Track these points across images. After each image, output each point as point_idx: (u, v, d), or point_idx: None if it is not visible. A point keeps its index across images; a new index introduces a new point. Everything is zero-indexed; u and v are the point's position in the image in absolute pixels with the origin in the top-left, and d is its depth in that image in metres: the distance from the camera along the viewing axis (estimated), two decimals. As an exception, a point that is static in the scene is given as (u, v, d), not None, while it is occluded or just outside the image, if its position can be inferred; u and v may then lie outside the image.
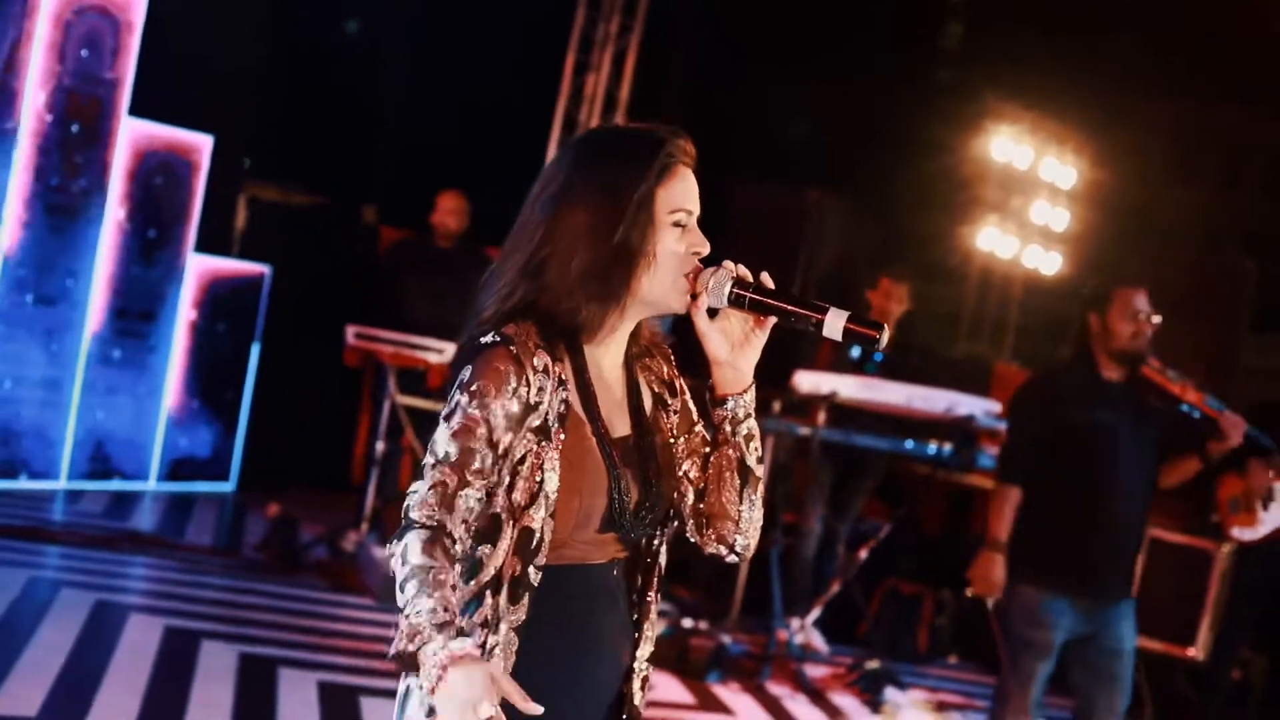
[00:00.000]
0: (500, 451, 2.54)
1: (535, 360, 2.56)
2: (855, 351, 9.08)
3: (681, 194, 2.66)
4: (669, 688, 7.69)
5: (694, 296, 2.65)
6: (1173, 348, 9.36)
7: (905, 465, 9.72)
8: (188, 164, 9.86)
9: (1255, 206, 15.35)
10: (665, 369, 2.88)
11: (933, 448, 8.61)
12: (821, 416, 8.44)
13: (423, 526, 2.44)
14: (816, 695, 8.03)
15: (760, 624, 8.89)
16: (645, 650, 2.83)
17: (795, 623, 8.64)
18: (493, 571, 2.56)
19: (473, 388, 2.53)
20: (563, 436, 2.58)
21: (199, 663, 6.66)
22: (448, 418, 2.53)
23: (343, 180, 11.80)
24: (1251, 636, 8.68)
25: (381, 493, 9.18)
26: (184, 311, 10.08)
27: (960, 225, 14.91)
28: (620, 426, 2.71)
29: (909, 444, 8.62)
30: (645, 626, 2.82)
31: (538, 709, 2.38)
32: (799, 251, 10.69)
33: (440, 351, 8.71)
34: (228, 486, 10.55)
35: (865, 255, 11.76)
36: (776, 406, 8.99)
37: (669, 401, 2.85)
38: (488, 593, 2.58)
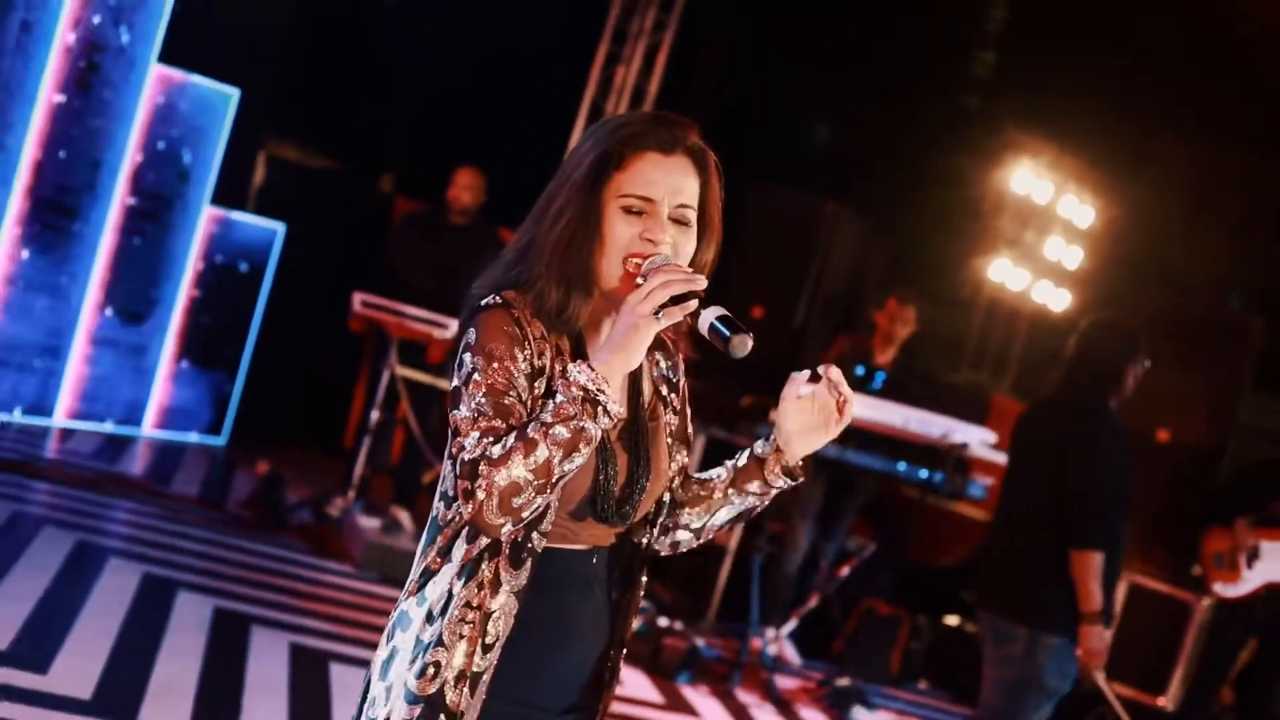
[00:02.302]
0: (527, 407, 2.54)
1: (533, 329, 2.58)
2: (859, 370, 9.08)
3: (638, 179, 2.61)
4: (639, 685, 7.69)
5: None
6: (1173, 399, 9.41)
7: (895, 488, 9.72)
8: (212, 115, 9.85)
9: (1268, 256, 15.27)
10: (673, 366, 2.89)
11: (925, 472, 8.59)
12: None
13: (485, 454, 2.42)
14: (784, 706, 8.03)
15: (735, 629, 8.90)
16: (618, 644, 2.82)
17: (770, 632, 8.65)
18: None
19: (486, 349, 2.52)
20: None
21: (173, 612, 6.66)
22: (466, 381, 2.51)
23: (362, 146, 11.79)
24: (1222, 692, 8.67)
25: (372, 461, 9.18)
26: (193, 263, 10.08)
27: (974, 254, 14.87)
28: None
29: (901, 466, 8.61)
30: (621, 620, 2.81)
31: None
32: (810, 262, 10.67)
33: (444, 327, 8.71)
34: (220, 440, 10.55)
35: (876, 273, 11.76)
36: (772, 415, 8.97)
37: (669, 397, 2.86)
38: (486, 555, 2.59)
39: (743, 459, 2.87)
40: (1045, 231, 14.93)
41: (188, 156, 9.71)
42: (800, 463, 2.80)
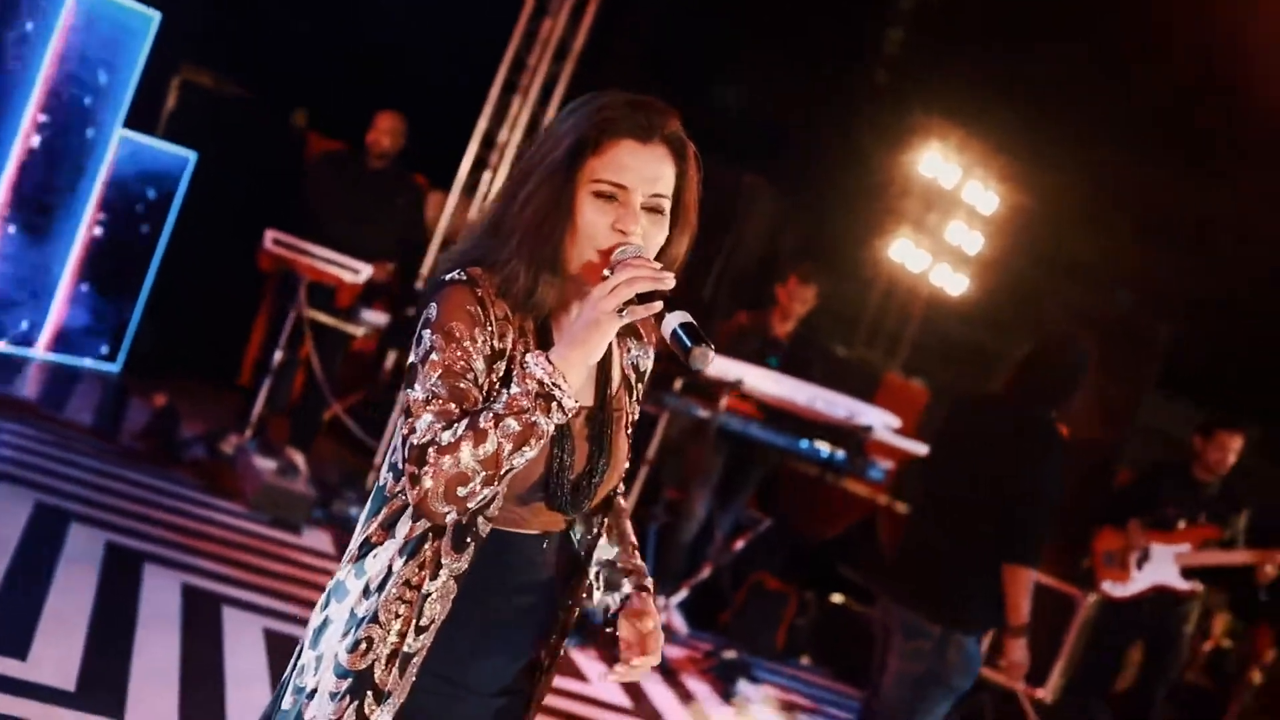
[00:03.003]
0: (483, 391, 2.50)
1: (496, 309, 2.54)
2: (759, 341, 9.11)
3: (612, 165, 2.55)
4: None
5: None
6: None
7: (792, 464, 9.77)
8: (131, 37, 9.63)
9: (1161, 260, 15.47)
10: (644, 353, 2.87)
11: (826, 451, 8.63)
12: (724, 402, 8.44)
13: (434, 439, 2.39)
14: (671, 676, 8.05)
15: (624, 595, 8.90)
16: (561, 631, 2.79)
17: (660, 601, 8.65)
18: None
19: (446, 327, 2.48)
20: None
21: (65, 544, 6.54)
22: (424, 359, 2.47)
23: (277, 78, 11.59)
24: (1103, 689, 8.81)
25: (271, 402, 9.07)
26: (100, 186, 9.87)
27: (878, 233, 14.94)
28: (582, 396, 2.65)
29: (804, 444, 8.64)
30: (566, 607, 2.78)
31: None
32: (726, 232, 10.67)
33: (356, 272, 8.61)
34: (114, 367, 10.36)
35: (789, 248, 11.78)
36: (677, 384, 8.99)
37: (635, 385, 2.83)
38: (429, 536, 2.55)
39: (622, 574, 2.92)
40: (949, 215, 15.02)
41: (104, 77, 9.49)
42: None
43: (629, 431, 2.81)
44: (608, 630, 2.86)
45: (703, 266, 10.64)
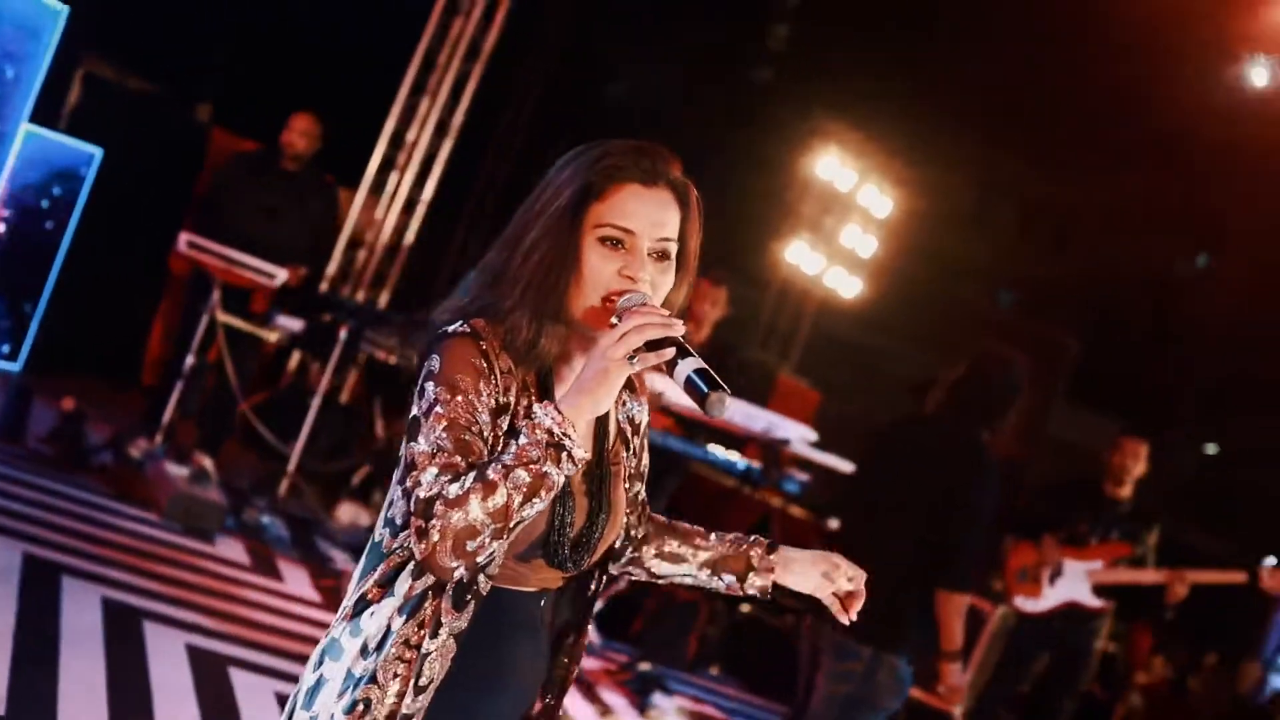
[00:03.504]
0: (488, 445, 2.43)
1: (500, 362, 2.48)
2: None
3: (618, 210, 2.50)
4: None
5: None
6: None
7: (704, 474, 9.76)
8: (39, 30, 9.40)
9: (1039, 259, 15.71)
10: (639, 411, 2.83)
11: (742, 463, 8.63)
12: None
13: (441, 493, 2.31)
14: (588, 689, 8.02)
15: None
16: (559, 688, 2.76)
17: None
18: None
19: (451, 380, 2.42)
20: None
21: (-19, 557, 6.40)
22: (427, 412, 2.40)
23: (181, 72, 11.39)
24: (1012, 703, 8.89)
25: (182, 406, 8.91)
26: (3, 183, 9.62)
27: (774, 236, 15.01)
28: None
29: (720, 455, 8.63)
30: (562, 667, 2.75)
31: None
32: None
33: (271, 276, 8.48)
34: (15, 366, 10.11)
35: (709, 258, 11.75)
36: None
37: (631, 440, 2.79)
38: (430, 594, 2.48)
39: (734, 547, 2.87)
40: (843, 219, 15.12)
41: (9, 71, 9.25)
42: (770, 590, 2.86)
43: (631, 487, 2.78)
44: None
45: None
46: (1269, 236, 12.74)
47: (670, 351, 2.38)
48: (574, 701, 7.70)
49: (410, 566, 2.51)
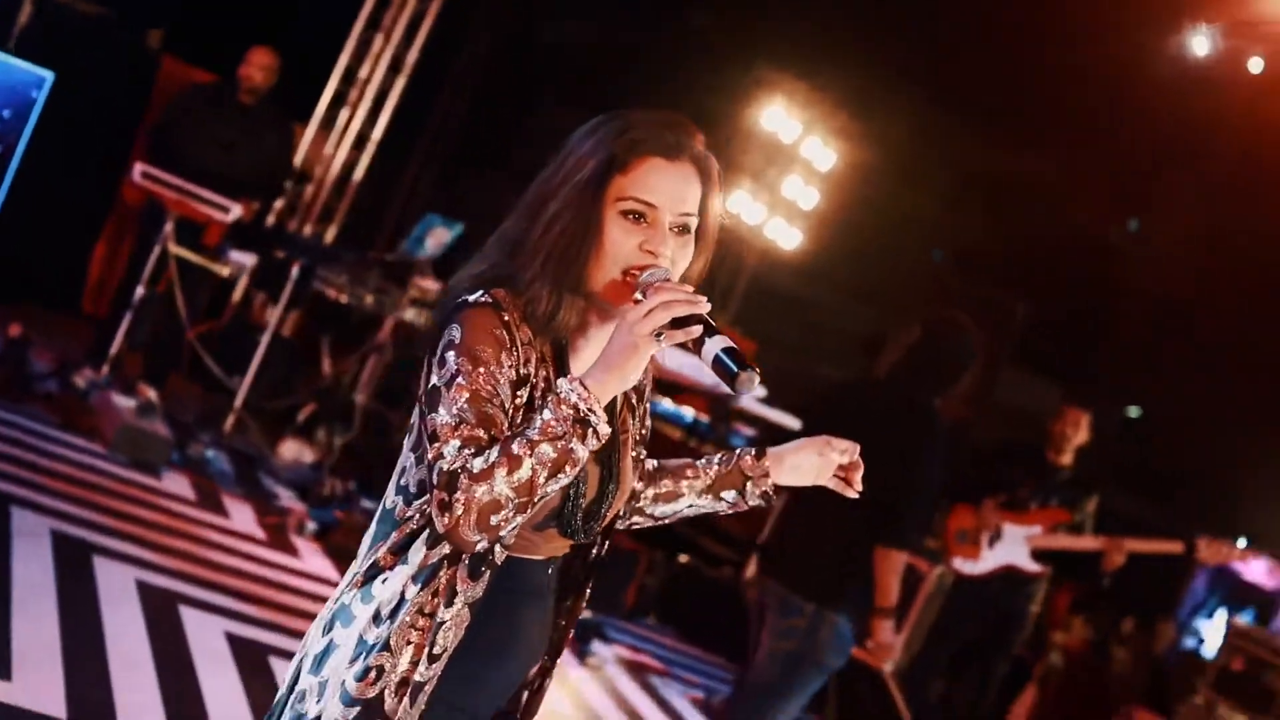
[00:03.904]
0: (508, 416, 2.42)
1: (521, 333, 2.47)
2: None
3: (641, 183, 2.50)
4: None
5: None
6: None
7: (657, 429, 9.79)
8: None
9: (975, 219, 15.79)
10: (643, 377, 2.82)
11: (690, 416, 8.67)
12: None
13: (466, 466, 2.29)
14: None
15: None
16: (556, 652, 2.76)
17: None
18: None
19: (473, 351, 2.40)
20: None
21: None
22: (449, 383, 2.38)
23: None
24: (946, 664, 8.98)
25: (130, 338, 8.84)
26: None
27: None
28: None
29: (668, 408, 8.67)
30: (564, 630, 2.76)
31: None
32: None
33: (226, 210, 8.42)
34: (-41, 291, 10.02)
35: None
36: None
37: (636, 407, 2.80)
38: (445, 562, 2.48)
39: (725, 465, 2.90)
40: (786, 170, 15.11)
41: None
42: (774, 489, 2.87)
43: (636, 453, 2.79)
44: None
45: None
46: (1199, 201, 12.87)
47: (698, 329, 2.37)
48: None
49: (425, 535, 2.51)
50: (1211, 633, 15.30)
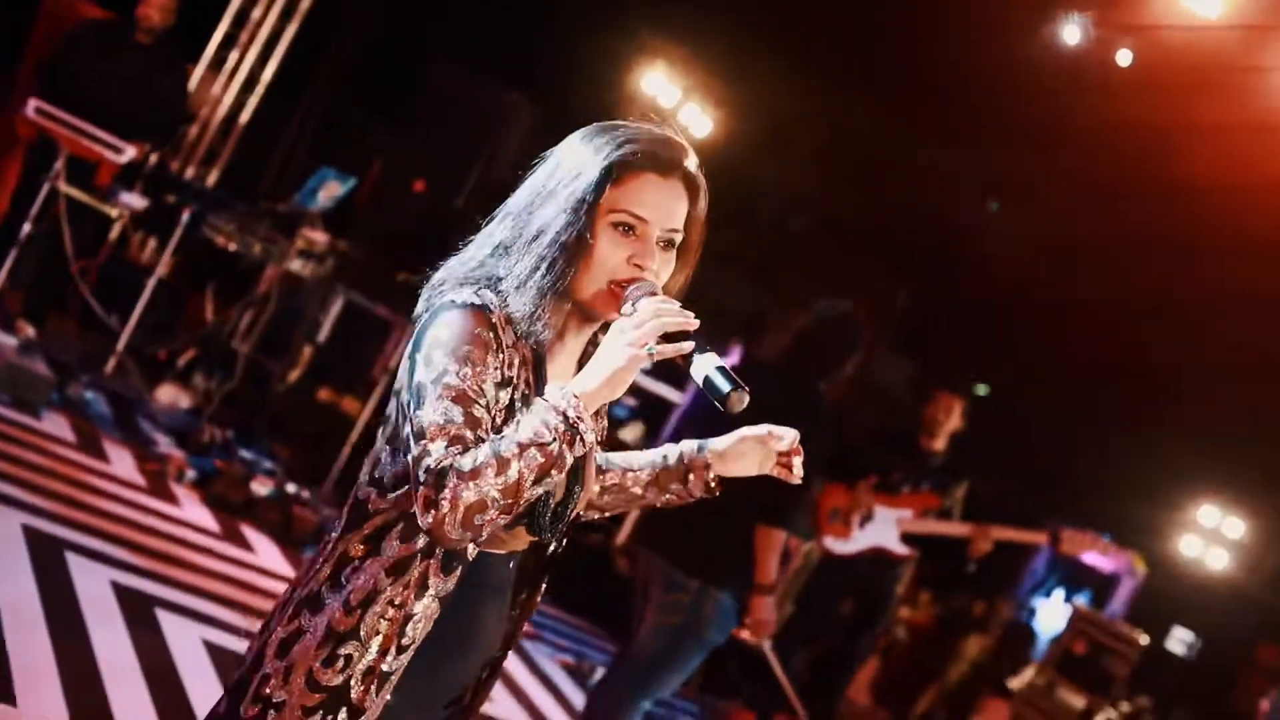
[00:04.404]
0: (492, 418, 2.47)
1: (506, 336, 2.52)
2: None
3: (633, 197, 2.57)
4: (271, 555, 7.62)
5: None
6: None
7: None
8: None
9: (840, 193, 15.94)
10: None
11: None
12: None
13: (454, 465, 2.34)
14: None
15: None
16: (508, 645, 2.83)
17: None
18: (428, 538, 2.51)
19: (461, 352, 2.44)
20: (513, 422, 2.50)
21: None
22: (437, 381, 2.42)
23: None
24: (809, 640, 9.11)
25: (14, 277, 8.69)
26: None
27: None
28: None
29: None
30: (519, 625, 2.82)
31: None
32: (483, 148, 10.60)
33: (120, 151, 8.31)
34: None
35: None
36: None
37: (601, 411, 2.86)
38: (419, 557, 2.53)
39: (669, 459, 3.01)
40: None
41: None
42: (716, 481, 2.98)
43: (596, 455, 2.85)
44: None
45: (458, 177, 10.56)
46: (1057, 187, 13.08)
47: (689, 345, 2.46)
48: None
49: (399, 527, 2.55)
50: (1048, 612, 15.69)
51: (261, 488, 8.09)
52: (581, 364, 2.76)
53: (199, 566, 6.85)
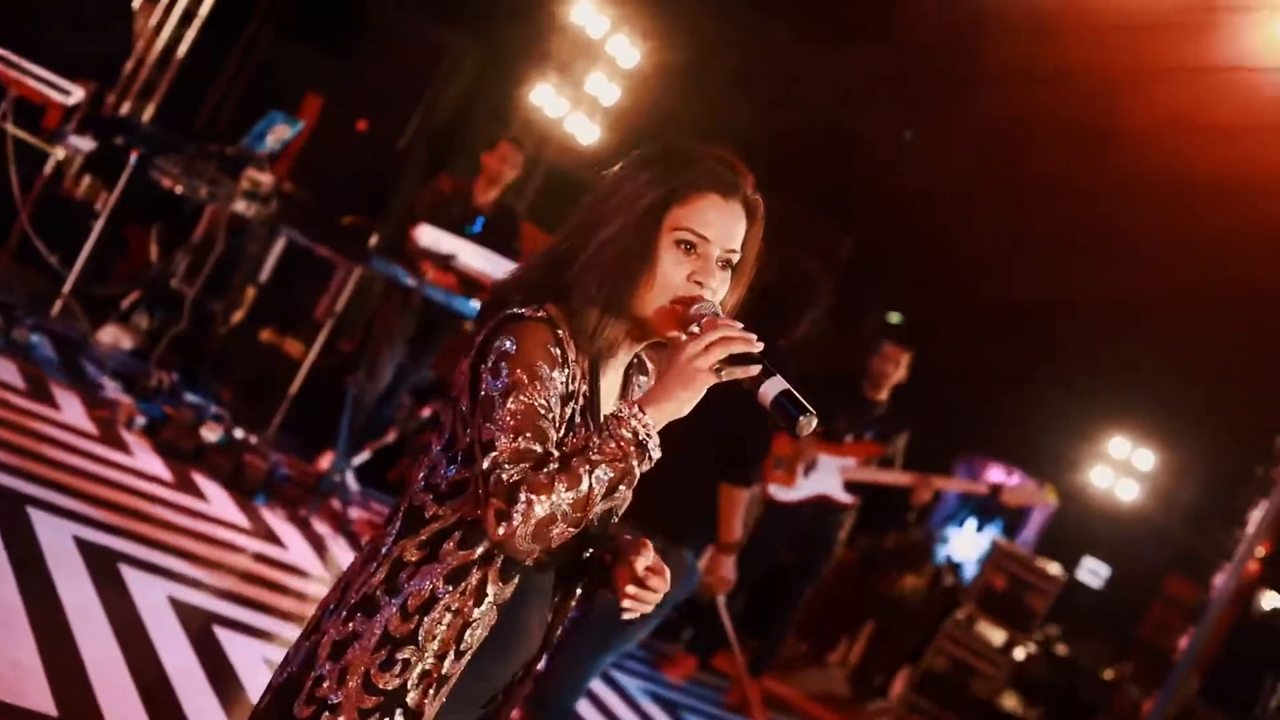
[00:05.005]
0: (558, 431, 2.54)
1: (570, 349, 2.59)
2: (472, 219, 9.11)
3: (697, 218, 2.63)
4: (222, 503, 7.63)
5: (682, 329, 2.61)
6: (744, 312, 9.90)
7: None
8: None
9: (760, 128, 15.98)
10: (647, 385, 2.94)
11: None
12: (431, 273, 8.45)
13: (525, 479, 2.41)
14: (354, 539, 8.12)
15: (297, 446, 8.93)
16: (547, 644, 2.87)
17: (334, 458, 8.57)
18: (488, 545, 2.57)
19: (531, 366, 2.51)
20: (575, 435, 2.59)
21: None
22: (505, 394, 2.48)
23: None
24: (751, 585, 9.25)
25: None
26: None
27: (524, 80, 14.93)
28: None
29: (473, 305, 8.64)
30: (556, 628, 2.86)
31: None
32: (424, 92, 10.55)
33: (67, 93, 8.21)
34: None
35: (488, 110, 11.69)
36: (373, 241, 8.96)
37: None
38: (477, 564, 2.59)
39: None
40: (592, 66, 15.12)
41: None
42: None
43: None
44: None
45: (401, 120, 10.51)
46: (973, 122, 13.19)
47: (757, 369, 2.54)
48: (344, 555, 7.81)
49: (458, 534, 2.60)
50: (961, 542, 15.95)
51: (211, 434, 8.09)
52: (627, 379, 2.84)
53: (157, 519, 6.86)
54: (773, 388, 2.55)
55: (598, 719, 7.37)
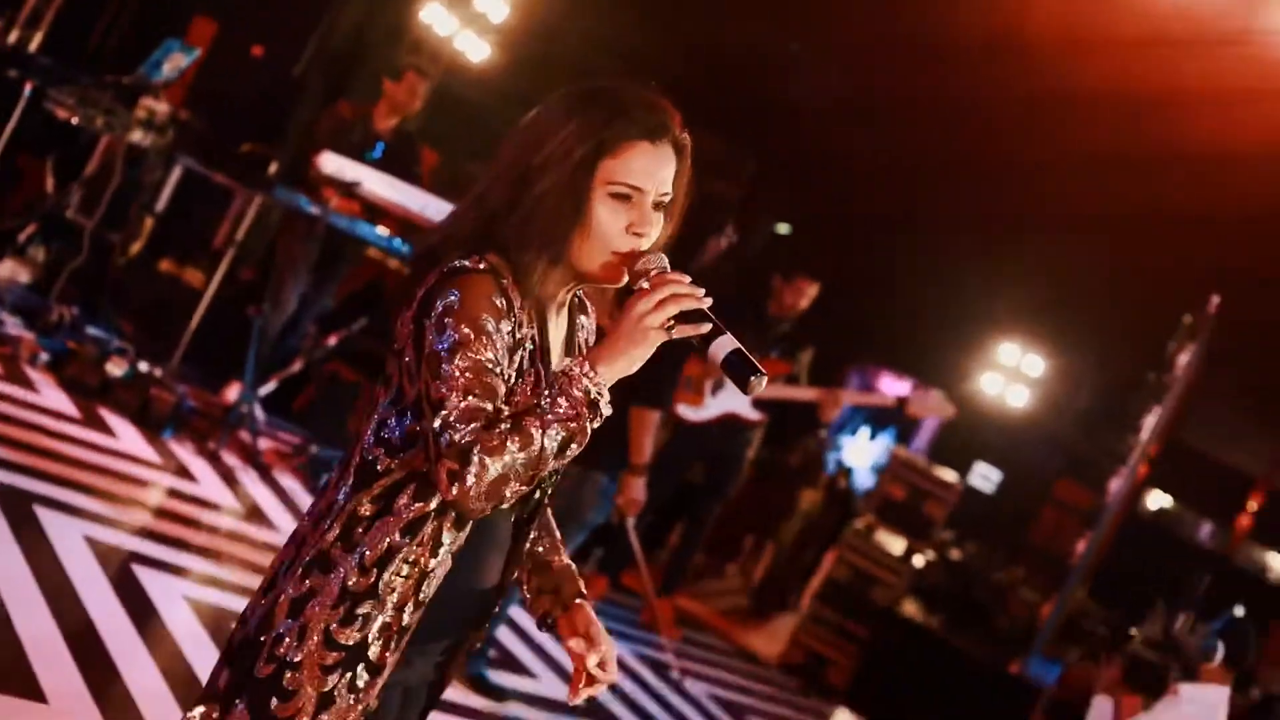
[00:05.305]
0: (506, 382, 2.54)
1: (515, 298, 2.59)
2: (371, 142, 9.06)
3: (628, 168, 2.62)
4: (130, 438, 7.59)
5: (629, 282, 2.62)
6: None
7: (376, 258, 9.80)
8: None
9: (648, 41, 15.95)
10: (593, 330, 2.96)
11: (387, 236, 8.62)
12: (335, 201, 8.39)
13: (478, 439, 2.41)
14: (264, 472, 8.10)
15: (201, 378, 8.88)
16: (502, 592, 2.88)
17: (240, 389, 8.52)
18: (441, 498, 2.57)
19: (476, 320, 2.50)
20: (525, 381, 2.61)
21: None
22: (451, 351, 2.47)
23: None
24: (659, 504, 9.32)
25: None
26: None
27: (419, 1, 14.79)
28: None
29: (397, 242, 8.63)
30: (511, 573, 2.88)
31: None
32: (320, 14, 10.43)
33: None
34: None
35: (385, 32, 11.57)
36: (273, 168, 8.89)
37: None
38: (432, 516, 2.60)
39: (559, 581, 3.00)
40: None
41: None
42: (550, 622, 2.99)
43: None
44: (550, 629, 2.99)
45: (296, 45, 10.39)
46: (860, 34, 13.23)
47: (708, 326, 2.55)
48: (255, 487, 7.80)
49: (412, 488, 2.60)
50: (855, 450, 16.13)
51: (116, 368, 8.02)
52: (571, 320, 2.85)
53: (67, 456, 6.81)
54: (722, 347, 2.56)
55: (517, 646, 7.43)
